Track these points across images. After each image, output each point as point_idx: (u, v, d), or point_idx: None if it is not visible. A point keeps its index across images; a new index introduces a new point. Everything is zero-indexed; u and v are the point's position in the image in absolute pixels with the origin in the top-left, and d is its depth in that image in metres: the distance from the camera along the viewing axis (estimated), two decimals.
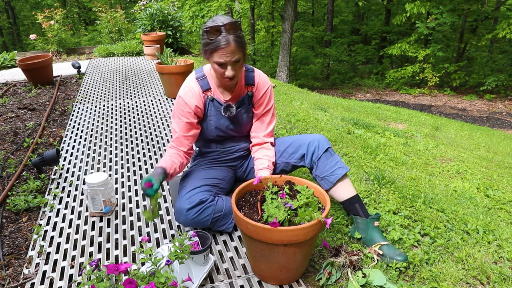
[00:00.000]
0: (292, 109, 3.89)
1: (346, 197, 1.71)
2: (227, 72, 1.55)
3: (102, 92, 4.26)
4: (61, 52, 7.16)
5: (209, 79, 1.73)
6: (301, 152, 1.77)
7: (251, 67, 1.79)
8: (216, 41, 1.48)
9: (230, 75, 1.55)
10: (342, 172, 1.69)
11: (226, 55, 1.50)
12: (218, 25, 1.48)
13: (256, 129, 1.85)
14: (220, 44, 1.48)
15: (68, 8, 21.08)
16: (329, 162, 1.71)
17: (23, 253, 1.70)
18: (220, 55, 1.51)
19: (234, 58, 1.52)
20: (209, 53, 1.54)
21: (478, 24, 13.71)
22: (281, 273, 1.43)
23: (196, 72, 1.77)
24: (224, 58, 1.51)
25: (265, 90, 1.79)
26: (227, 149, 1.88)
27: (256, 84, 1.77)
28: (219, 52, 1.50)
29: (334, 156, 1.73)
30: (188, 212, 1.62)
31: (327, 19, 15.85)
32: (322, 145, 1.73)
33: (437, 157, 3.54)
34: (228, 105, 1.74)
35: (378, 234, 1.65)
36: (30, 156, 2.58)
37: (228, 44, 1.48)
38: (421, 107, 11.24)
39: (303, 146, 1.77)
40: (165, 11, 6.47)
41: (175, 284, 1.12)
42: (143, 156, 2.64)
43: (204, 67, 1.77)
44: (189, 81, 1.74)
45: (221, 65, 1.54)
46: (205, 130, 1.80)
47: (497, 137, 6.38)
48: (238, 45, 1.51)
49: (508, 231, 1.97)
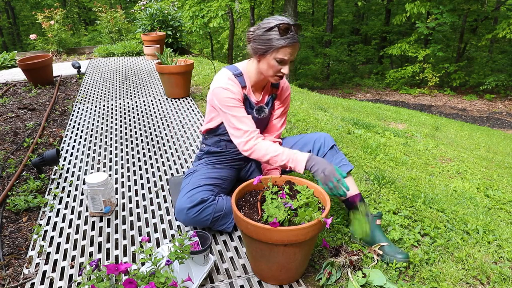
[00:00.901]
0: (292, 109, 3.89)
1: (350, 194, 1.71)
2: (284, 69, 1.60)
3: (102, 92, 4.27)
4: (61, 52, 7.16)
5: (245, 77, 1.74)
6: (307, 149, 1.79)
7: None
8: (287, 39, 1.54)
9: (287, 73, 1.61)
10: (347, 169, 1.73)
11: (291, 52, 1.56)
12: (289, 24, 1.53)
13: (269, 129, 1.91)
14: (291, 41, 1.54)
15: (68, 8, 21.08)
16: (335, 159, 1.75)
17: (23, 253, 1.70)
18: (285, 52, 1.56)
19: (293, 57, 1.59)
20: (273, 50, 1.56)
21: (478, 24, 13.71)
22: (281, 273, 1.43)
23: (230, 69, 1.73)
24: (288, 56, 1.57)
25: (288, 93, 1.88)
26: (236, 149, 1.87)
27: (281, 88, 1.85)
28: (286, 49, 1.55)
29: (339, 154, 1.77)
30: (188, 211, 1.63)
31: (327, 19, 15.85)
32: (328, 142, 1.78)
33: (437, 157, 3.54)
34: (261, 107, 1.79)
35: (379, 232, 1.66)
36: (30, 156, 2.58)
37: (296, 43, 1.56)
38: (421, 107, 11.24)
39: (309, 143, 1.80)
40: (165, 11, 6.47)
41: (175, 284, 1.12)
42: (143, 156, 2.64)
43: (239, 65, 1.76)
44: (229, 75, 1.70)
45: (281, 62, 1.59)
46: (224, 128, 1.78)
47: (497, 137, 6.38)
48: (298, 44, 1.60)
49: (508, 231, 1.97)
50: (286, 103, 1.90)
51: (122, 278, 1.09)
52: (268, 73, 1.63)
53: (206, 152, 1.93)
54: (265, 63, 1.61)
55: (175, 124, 3.20)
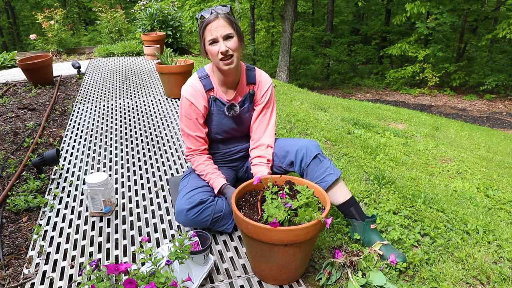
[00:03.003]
0: (292, 109, 3.89)
1: (340, 201, 1.68)
2: (220, 47, 1.56)
3: (102, 92, 4.26)
4: (61, 52, 7.16)
5: (212, 78, 1.73)
6: (290, 159, 1.75)
7: (252, 66, 1.81)
8: (204, 20, 1.57)
9: (224, 50, 1.56)
10: (332, 178, 1.65)
11: (216, 29, 1.54)
12: (208, 9, 1.59)
13: (256, 131, 1.84)
14: (210, 19, 1.55)
15: (68, 8, 21.07)
16: (319, 169, 1.67)
17: (23, 253, 1.70)
18: (209, 31, 1.56)
19: (224, 32, 1.55)
20: (202, 38, 1.60)
21: (478, 24, 13.71)
22: (281, 273, 1.43)
23: (198, 72, 1.77)
24: (214, 33, 1.55)
25: (266, 89, 1.80)
26: (230, 149, 1.88)
27: (258, 83, 1.79)
28: (208, 29, 1.56)
29: (324, 162, 1.68)
30: (188, 212, 1.62)
31: (327, 19, 15.85)
32: (311, 152, 1.69)
33: (437, 157, 3.54)
34: (231, 104, 1.74)
35: (376, 235, 1.65)
36: (30, 156, 2.58)
37: (217, 18, 1.55)
38: (421, 107, 11.24)
39: (292, 153, 1.74)
40: (165, 11, 6.47)
41: (175, 284, 1.13)
42: (143, 156, 2.64)
43: (206, 67, 1.77)
44: (192, 80, 1.75)
45: (213, 43, 1.57)
46: (209, 131, 1.80)
47: (497, 137, 6.38)
48: (227, 20, 1.57)
49: (508, 231, 1.97)
50: (266, 98, 1.80)
51: (122, 278, 1.09)
52: (215, 61, 1.63)
53: None
54: (209, 55, 1.63)
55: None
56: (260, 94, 1.80)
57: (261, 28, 16.53)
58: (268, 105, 1.82)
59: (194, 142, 1.76)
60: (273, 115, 1.85)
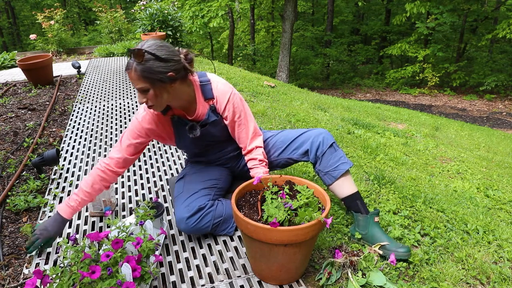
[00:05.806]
0: (292, 109, 3.89)
1: (348, 193, 1.69)
2: (138, 98, 1.48)
3: (102, 92, 4.27)
4: (61, 52, 7.16)
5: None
6: (305, 148, 1.73)
7: (208, 78, 1.66)
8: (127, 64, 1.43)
9: (139, 102, 1.48)
10: (346, 167, 1.68)
11: (131, 80, 1.43)
12: (131, 49, 1.40)
13: (240, 140, 1.76)
14: (127, 68, 1.42)
15: (68, 8, 21.08)
16: (333, 157, 1.69)
17: (23, 253, 1.70)
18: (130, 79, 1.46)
19: (137, 85, 1.42)
20: None
21: (478, 24, 13.71)
22: (281, 273, 1.43)
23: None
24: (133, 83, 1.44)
25: (226, 102, 1.65)
26: (217, 156, 1.85)
27: (216, 98, 1.65)
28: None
29: (338, 151, 1.71)
30: (188, 220, 1.61)
31: (327, 19, 15.86)
32: (327, 140, 1.70)
33: (437, 157, 3.54)
34: (191, 126, 1.64)
35: (379, 229, 1.65)
36: (30, 156, 2.58)
37: (129, 70, 1.41)
38: (421, 107, 11.24)
39: (307, 142, 1.73)
40: (165, 11, 6.47)
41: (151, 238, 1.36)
42: (143, 156, 2.64)
43: None
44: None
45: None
46: (185, 148, 1.78)
47: (497, 137, 6.38)
48: (140, 74, 1.39)
49: (508, 231, 1.97)
50: (230, 111, 1.66)
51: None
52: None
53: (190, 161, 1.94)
54: None
55: None
56: (221, 108, 1.66)
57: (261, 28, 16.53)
58: (236, 117, 1.68)
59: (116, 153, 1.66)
60: (250, 122, 1.72)
